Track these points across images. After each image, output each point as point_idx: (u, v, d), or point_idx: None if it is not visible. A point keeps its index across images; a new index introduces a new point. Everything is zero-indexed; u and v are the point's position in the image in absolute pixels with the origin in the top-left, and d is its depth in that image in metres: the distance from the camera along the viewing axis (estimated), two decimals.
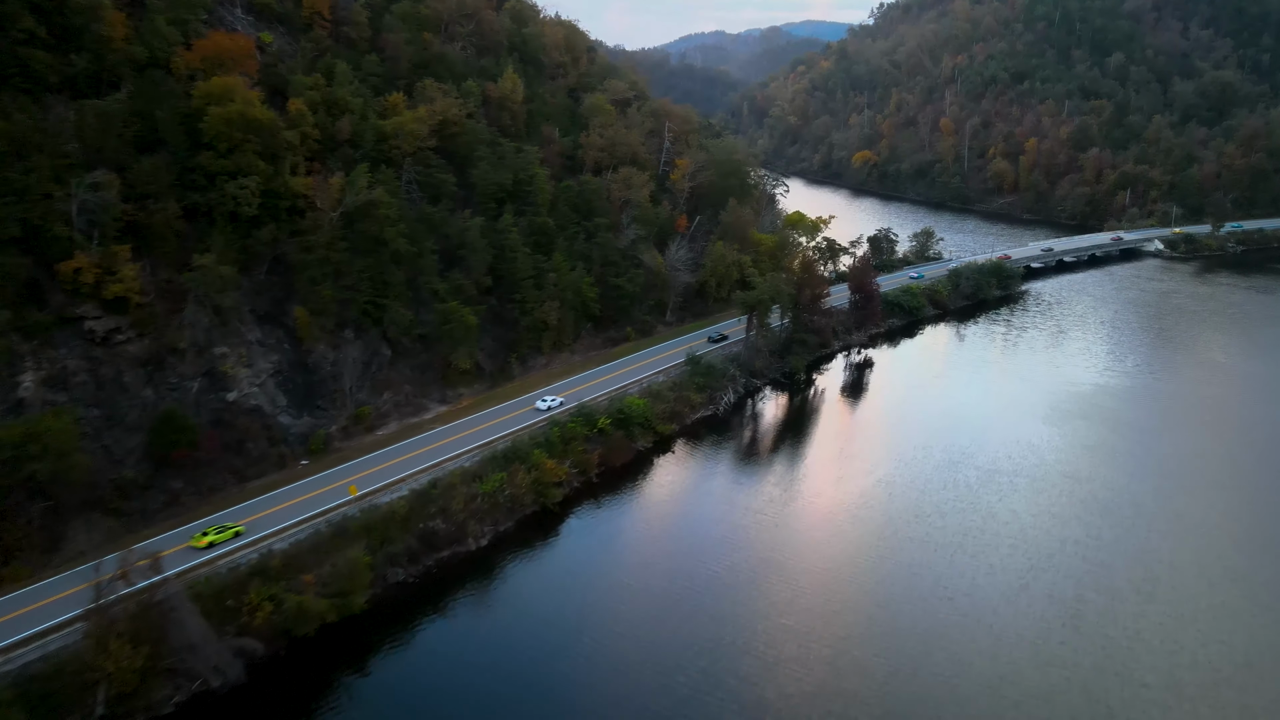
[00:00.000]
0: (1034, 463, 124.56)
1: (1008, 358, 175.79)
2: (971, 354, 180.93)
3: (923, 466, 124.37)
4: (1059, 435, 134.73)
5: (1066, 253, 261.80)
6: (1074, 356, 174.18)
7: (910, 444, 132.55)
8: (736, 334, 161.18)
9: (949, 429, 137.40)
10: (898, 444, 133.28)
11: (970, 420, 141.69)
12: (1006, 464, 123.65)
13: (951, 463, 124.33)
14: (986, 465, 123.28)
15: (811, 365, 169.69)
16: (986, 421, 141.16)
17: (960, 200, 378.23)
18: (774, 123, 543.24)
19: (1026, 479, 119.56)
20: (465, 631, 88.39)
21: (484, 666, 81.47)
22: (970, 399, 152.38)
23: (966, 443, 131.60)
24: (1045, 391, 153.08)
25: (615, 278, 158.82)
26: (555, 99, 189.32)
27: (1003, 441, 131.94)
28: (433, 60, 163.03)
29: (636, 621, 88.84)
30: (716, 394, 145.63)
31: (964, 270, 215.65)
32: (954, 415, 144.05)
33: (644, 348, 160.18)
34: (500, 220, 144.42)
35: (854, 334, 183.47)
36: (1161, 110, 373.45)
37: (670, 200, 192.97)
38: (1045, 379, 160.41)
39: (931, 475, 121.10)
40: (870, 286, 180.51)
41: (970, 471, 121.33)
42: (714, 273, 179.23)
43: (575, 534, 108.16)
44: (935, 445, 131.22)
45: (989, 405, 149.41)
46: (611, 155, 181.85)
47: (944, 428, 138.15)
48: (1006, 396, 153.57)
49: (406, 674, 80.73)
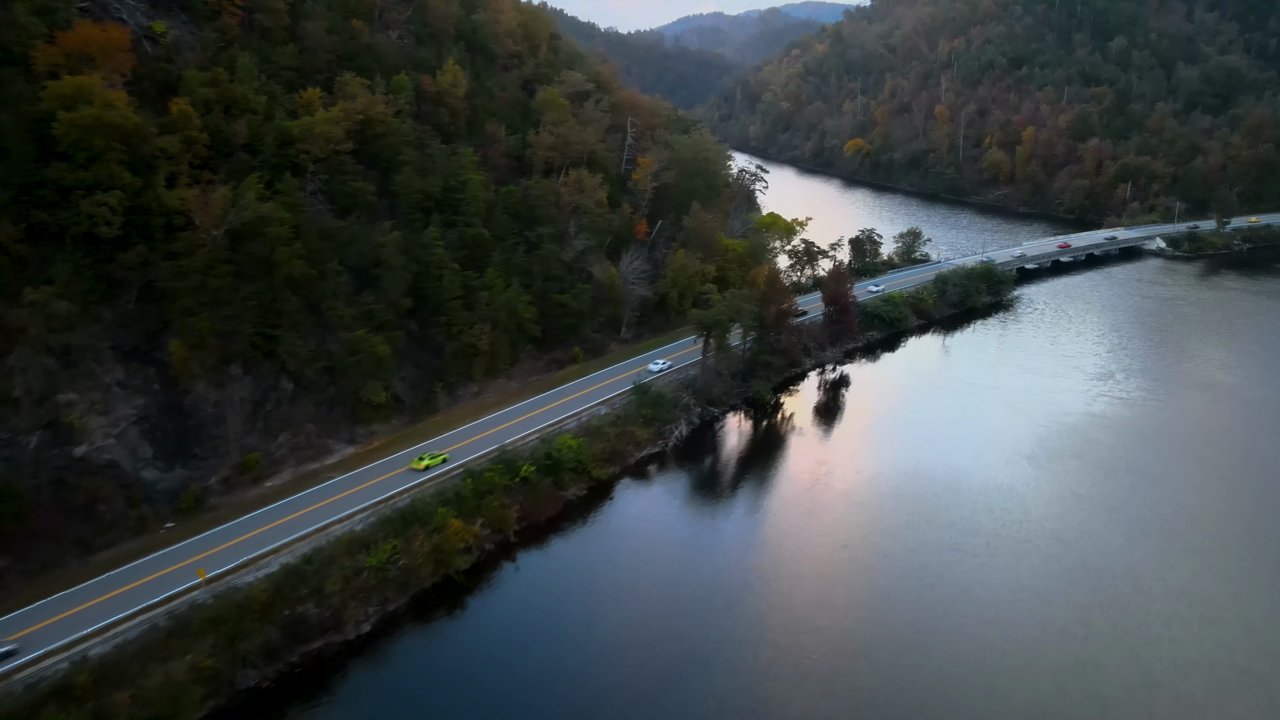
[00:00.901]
0: (1018, 518, 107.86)
1: (994, 377, 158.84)
2: (954, 372, 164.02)
3: (889, 522, 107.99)
4: (1047, 481, 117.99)
5: (1061, 254, 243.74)
6: (1067, 378, 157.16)
7: (879, 493, 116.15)
8: (693, 355, 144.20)
9: (924, 471, 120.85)
10: (865, 493, 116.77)
11: (950, 459, 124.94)
12: (987, 521, 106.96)
13: (924, 520, 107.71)
14: (963, 523, 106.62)
15: (780, 386, 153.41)
16: (967, 462, 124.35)
17: (954, 192, 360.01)
18: (766, 108, 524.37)
19: (1007, 542, 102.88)
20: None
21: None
22: (951, 431, 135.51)
23: (942, 490, 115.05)
24: (1035, 423, 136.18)
25: (559, 294, 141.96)
26: (506, 93, 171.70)
27: (984, 489, 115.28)
28: (360, 51, 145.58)
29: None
30: (667, 427, 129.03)
31: (951, 276, 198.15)
32: (931, 452, 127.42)
33: (594, 370, 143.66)
34: (425, 233, 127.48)
35: (828, 350, 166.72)
36: (1165, 97, 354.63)
37: (632, 203, 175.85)
38: (1035, 406, 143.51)
39: (899, 536, 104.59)
40: (845, 299, 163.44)
41: (943, 532, 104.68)
42: (675, 284, 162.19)
43: (482, 609, 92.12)
44: (906, 494, 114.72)
45: (971, 440, 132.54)
46: (563, 155, 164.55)
47: (919, 469, 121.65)
48: (991, 428, 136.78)
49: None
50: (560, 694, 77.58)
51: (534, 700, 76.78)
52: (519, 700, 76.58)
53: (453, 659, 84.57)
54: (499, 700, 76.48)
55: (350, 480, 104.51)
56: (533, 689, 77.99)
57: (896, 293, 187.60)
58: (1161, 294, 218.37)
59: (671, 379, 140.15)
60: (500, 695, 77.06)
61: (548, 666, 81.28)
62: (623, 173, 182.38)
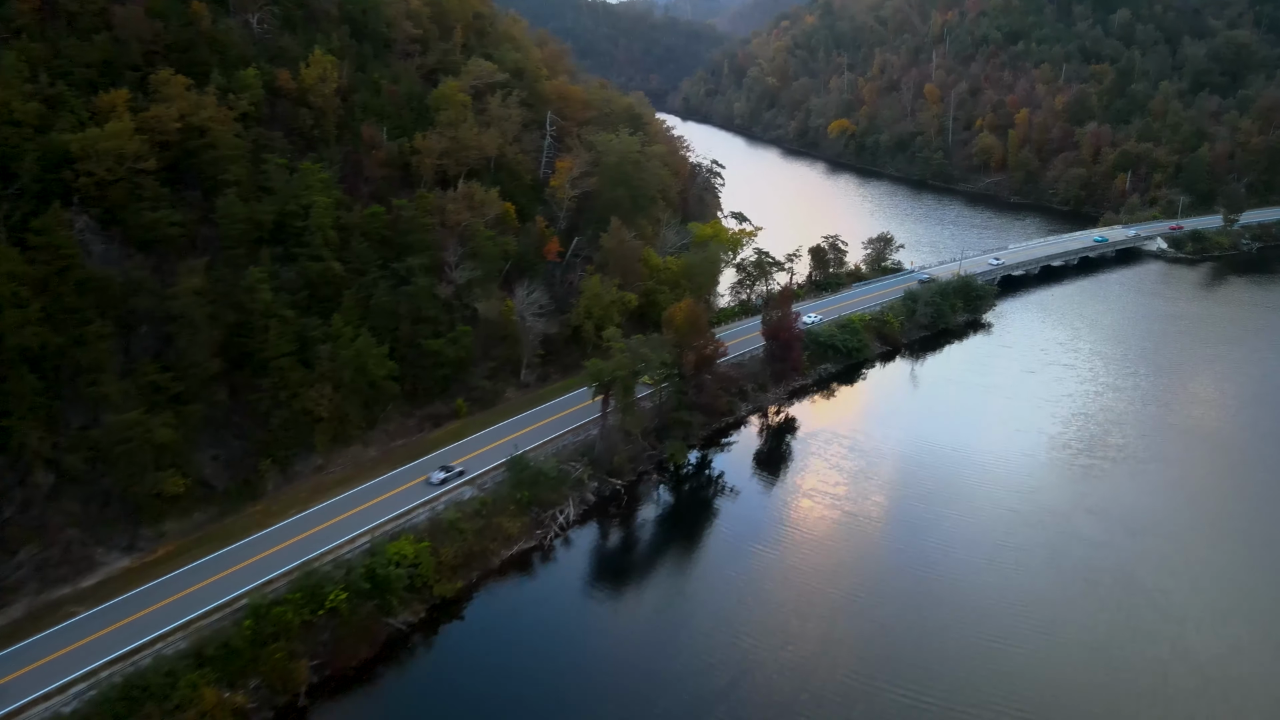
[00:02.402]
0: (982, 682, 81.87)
1: (958, 432, 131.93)
2: (911, 420, 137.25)
3: (834, 638, 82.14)
4: (1024, 619, 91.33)
5: (1052, 259, 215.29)
6: (1046, 434, 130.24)
7: (821, 600, 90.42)
8: (584, 414, 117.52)
9: (864, 592, 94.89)
10: (806, 591, 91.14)
11: (892, 569, 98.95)
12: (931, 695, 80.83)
13: (878, 633, 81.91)
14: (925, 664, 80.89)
15: (709, 440, 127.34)
16: (912, 575, 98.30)
17: (943, 179, 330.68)
18: (752, 84, 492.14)
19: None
20: None
21: None
22: (898, 528, 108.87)
23: (875, 632, 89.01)
24: (1002, 520, 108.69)
25: (432, 339, 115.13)
26: (399, 86, 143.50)
27: (926, 640, 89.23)
28: (196, 41, 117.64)
29: None
30: (549, 513, 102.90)
31: (922, 293, 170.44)
32: (871, 559, 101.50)
33: (479, 428, 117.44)
34: (247, 274, 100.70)
35: (770, 390, 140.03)
36: (1169, 75, 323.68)
37: (548, 215, 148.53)
38: (1007, 484, 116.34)
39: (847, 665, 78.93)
40: (789, 332, 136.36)
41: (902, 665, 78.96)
42: (589, 315, 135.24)
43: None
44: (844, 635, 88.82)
45: (921, 543, 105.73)
46: (458, 163, 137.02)
47: (854, 591, 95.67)
48: (951, 521, 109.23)
49: None
50: None
51: None
52: None
53: None
54: None
55: (98, 618, 78.65)
56: None
57: (856, 315, 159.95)
58: (1158, 310, 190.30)
59: (567, 442, 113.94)
60: None
61: None
62: (541, 178, 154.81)
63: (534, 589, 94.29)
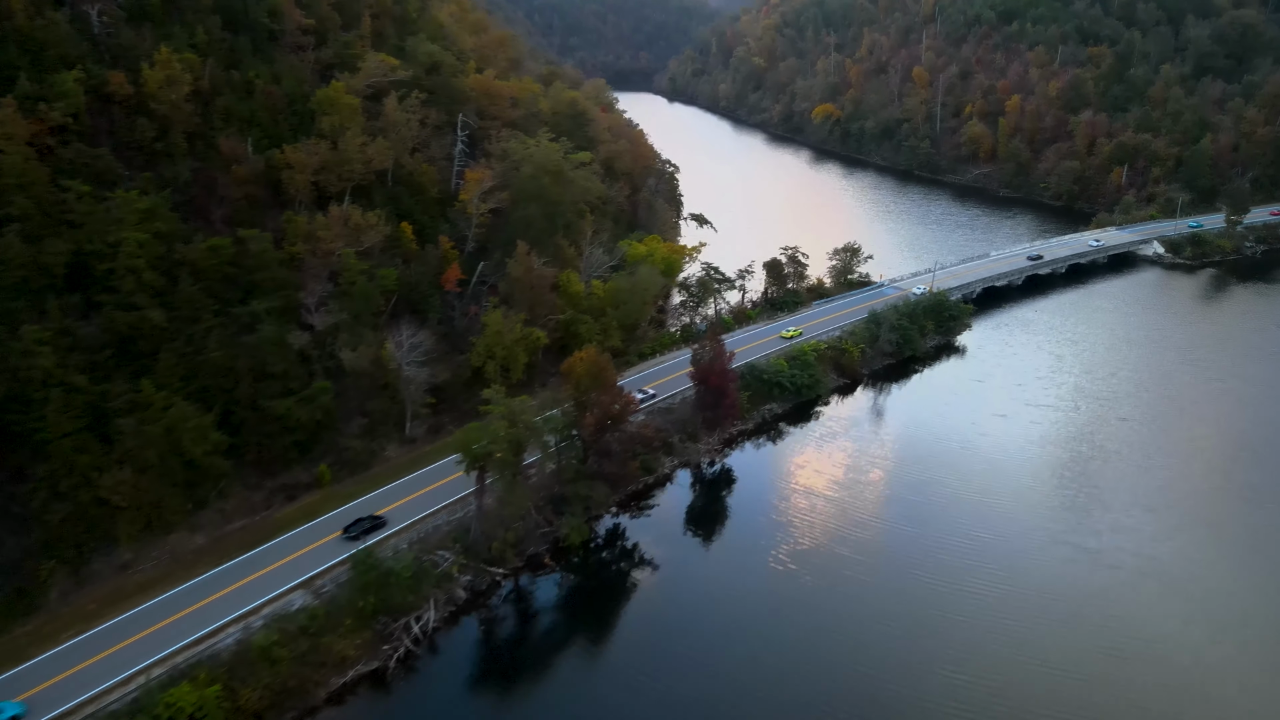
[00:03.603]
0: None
1: (909, 504, 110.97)
2: (856, 477, 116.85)
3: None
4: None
5: (1039, 266, 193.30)
6: (1010, 509, 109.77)
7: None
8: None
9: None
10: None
11: (841, 675, 79.31)
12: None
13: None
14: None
15: (626, 502, 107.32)
16: (864, 686, 78.60)
17: (930, 169, 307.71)
18: (738, 64, 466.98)
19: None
20: None
21: None
22: (844, 619, 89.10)
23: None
24: (967, 639, 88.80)
25: (281, 397, 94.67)
26: (281, 88, 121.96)
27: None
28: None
29: None
30: (400, 622, 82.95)
31: (887, 315, 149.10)
32: (818, 660, 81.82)
33: (349, 497, 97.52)
34: (22, 332, 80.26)
35: (702, 440, 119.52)
36: (1171, 58, 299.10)
37: (454, 234, 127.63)
38: (967, 582, 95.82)
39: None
40: (722, 376, 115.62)
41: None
42: (490, 354, 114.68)
43: None
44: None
45: (872, 635, 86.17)
46: (340, 177, 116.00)
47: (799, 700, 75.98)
48: (899, 636, 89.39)
49: None
50: None
51: None
52: None
53: None
54: None
55: None
56: None
57: (808, 345, 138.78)
58: (1153, 330, 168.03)
59: (440, 522, 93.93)
60: None
61: None
62: (453, 190, 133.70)
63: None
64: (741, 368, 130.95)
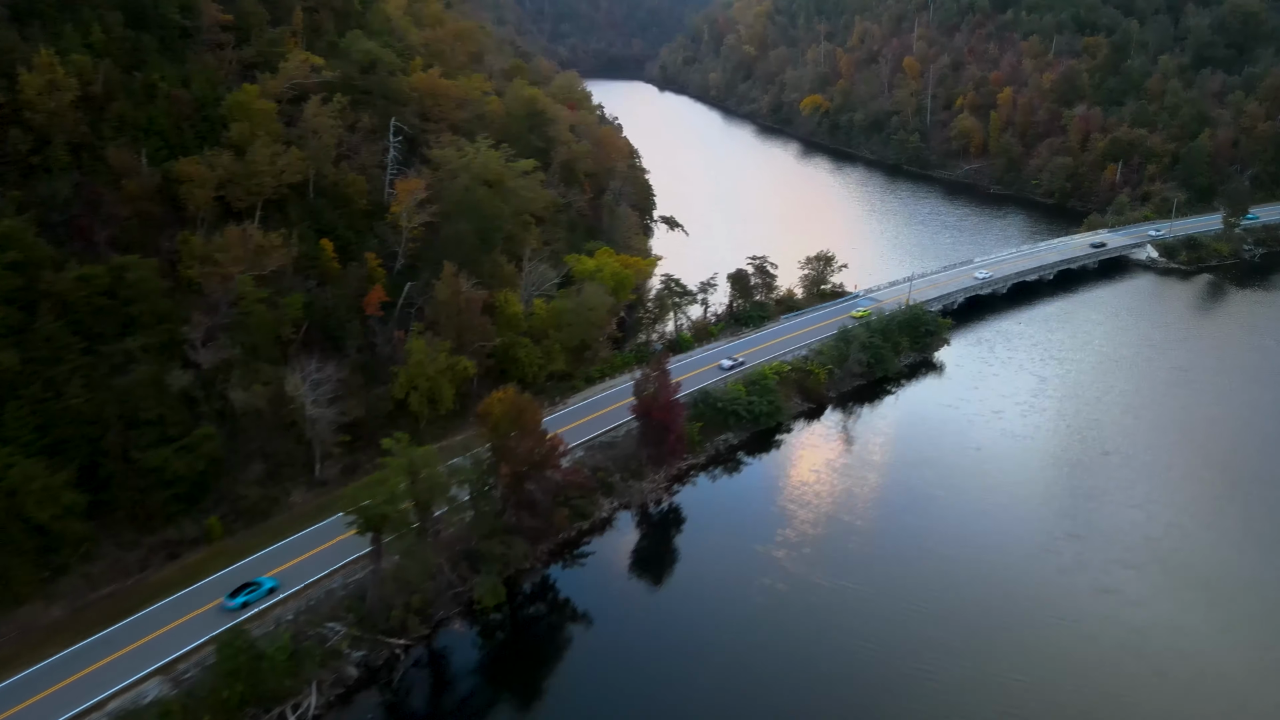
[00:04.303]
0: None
1: (866, 552, 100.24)
2: (820, 522, 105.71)
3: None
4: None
5: (1026, 274, 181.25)
6: (986, 568, 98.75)
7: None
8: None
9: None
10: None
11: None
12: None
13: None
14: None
15: (558, 552, 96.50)
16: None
17: (919, 164, 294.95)
18: (729, 52, 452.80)
19: None
20: None
21: None
22: (804, 676, 78.40)
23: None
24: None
25: (158, 445, 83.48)
26: (190, 91, 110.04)
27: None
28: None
29: None
30: (273, 712, 72.11)
31: (858, 333, 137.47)
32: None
33: (241, 553, 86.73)
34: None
35: (647, 478, 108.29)
36: (1171, 47, 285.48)
37: (383, 250, 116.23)
38: (925, 659, 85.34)
39: None
40: (666, 410, 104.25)
41: None
42: (414, 386, 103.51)
43: None
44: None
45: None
46: (249, 191, 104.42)
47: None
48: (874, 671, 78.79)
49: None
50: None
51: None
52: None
53: None
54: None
55: None
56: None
57: (768, 368, 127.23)
58: (1146, 346, 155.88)
59: (330, 589, 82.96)
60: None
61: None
62: (387, 201, 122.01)
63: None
64: (694, 394, 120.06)
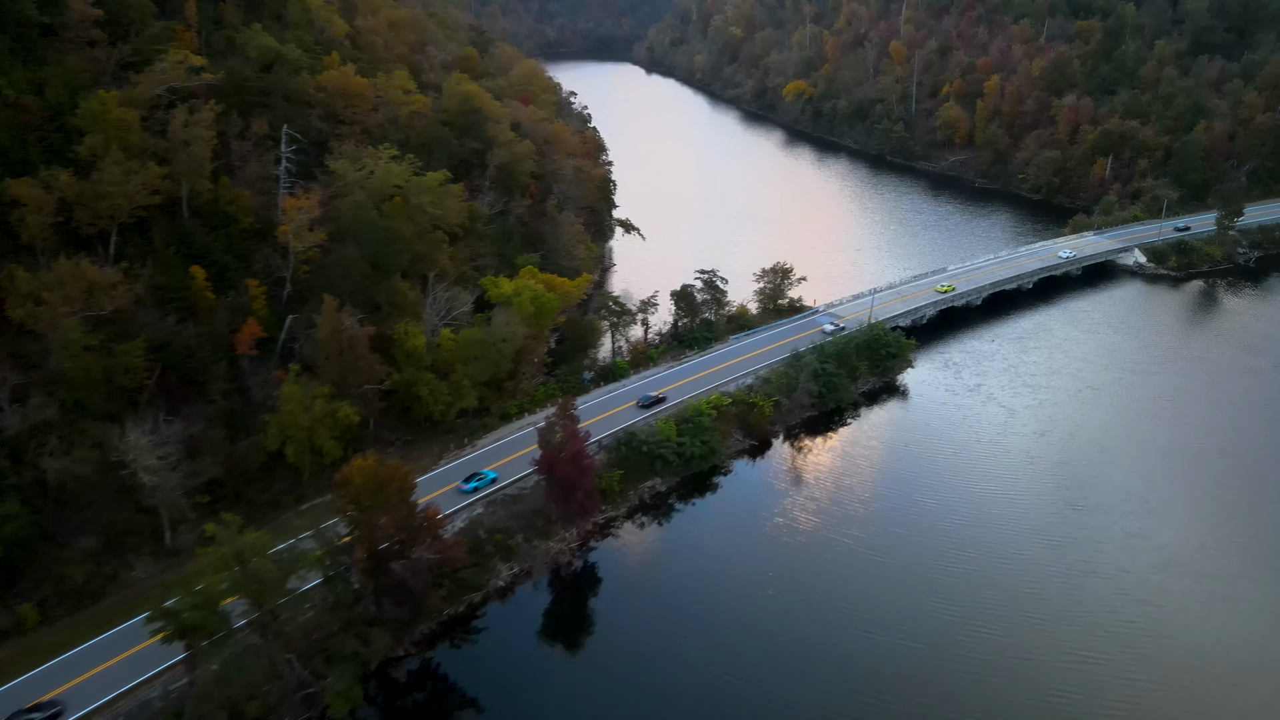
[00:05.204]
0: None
1: (800, 617, 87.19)
2: (748, 577, 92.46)
3: None
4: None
5: (1005, 283, 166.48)
6: (928, 652, 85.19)
7: None
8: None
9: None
10: None
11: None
12: None
13: None
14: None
15: (440, 634, 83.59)
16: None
17: (903, 155, 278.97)
18: (715, 34, 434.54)
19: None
20: None
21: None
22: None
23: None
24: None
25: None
26: (43, 99, 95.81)
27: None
28: None
29: None
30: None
31: (808, 360, 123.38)
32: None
33: (61, 647, 73.58)
34: None
35: (555, 537, 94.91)
36: (1168, 31, 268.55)
37: (267, 276, 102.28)
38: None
39: None
40: (572, 464, 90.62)
41: None
42: (288, 437, 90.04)
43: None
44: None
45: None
46: (97, 215, 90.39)
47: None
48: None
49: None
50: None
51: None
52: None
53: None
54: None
55: None
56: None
57: (704, 403, 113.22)
58: (1123, 368, 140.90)
59: (147, 698, 69.74)
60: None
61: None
62: (279, 220, 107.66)
63: None
64: (618, 434, 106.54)
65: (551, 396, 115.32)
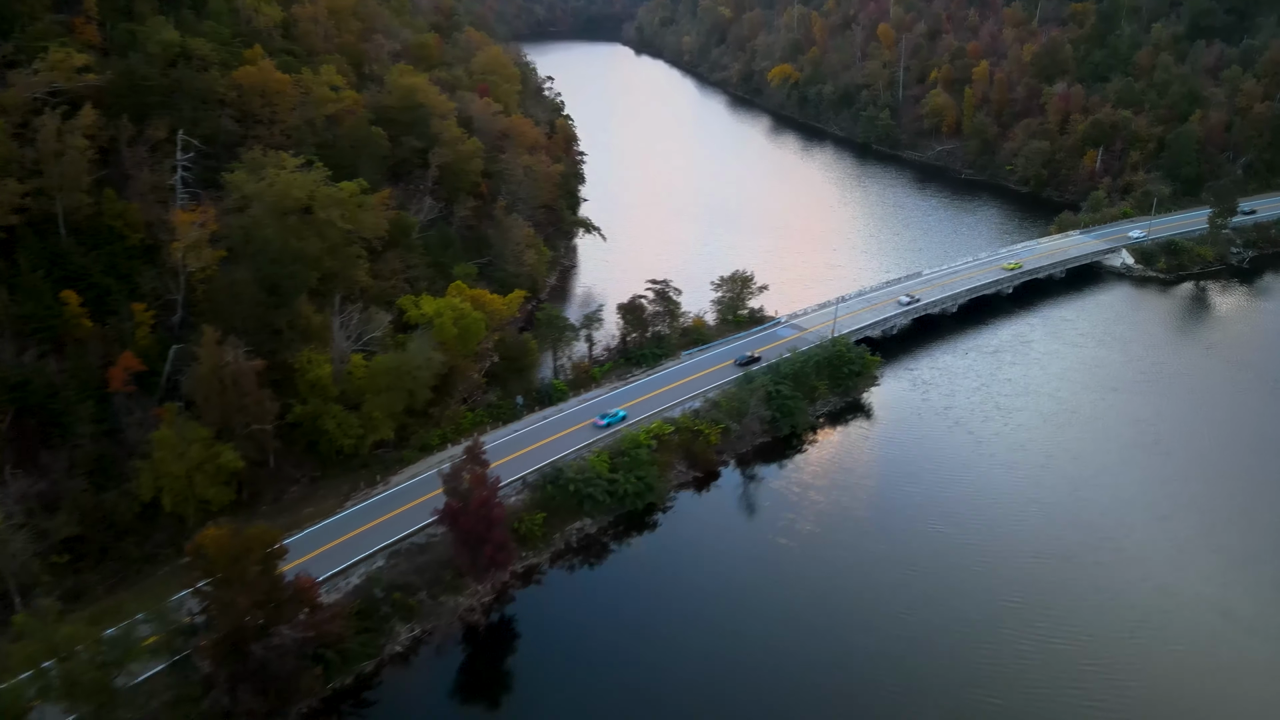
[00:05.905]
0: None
1: (744, 672, 77.63)
2: (683, 628, 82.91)
3: None
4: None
5: (983, 289, 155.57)
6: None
7: None
8: None
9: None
10: None
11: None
12: None
13: None
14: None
15: (324, 709, 73.70)
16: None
17: (889, 143, 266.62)
18: (704, 14, 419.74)
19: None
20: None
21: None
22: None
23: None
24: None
25: None
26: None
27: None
28: None
29: None
30: None
31: (763, 381, 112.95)
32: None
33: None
34: None
35: (465, 591, 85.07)
36: (1166, 13, 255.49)
37: (157, 300, 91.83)
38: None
39: None
40: (478, 516, 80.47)
41: None
42: (162, 486, 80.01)
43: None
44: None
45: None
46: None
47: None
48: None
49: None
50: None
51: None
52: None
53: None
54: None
55: None
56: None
57: (644, 432, 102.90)
58: (1105, 387, 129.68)
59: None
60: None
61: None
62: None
63: None
64: (544, 470, 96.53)
65: (480, 424, 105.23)
